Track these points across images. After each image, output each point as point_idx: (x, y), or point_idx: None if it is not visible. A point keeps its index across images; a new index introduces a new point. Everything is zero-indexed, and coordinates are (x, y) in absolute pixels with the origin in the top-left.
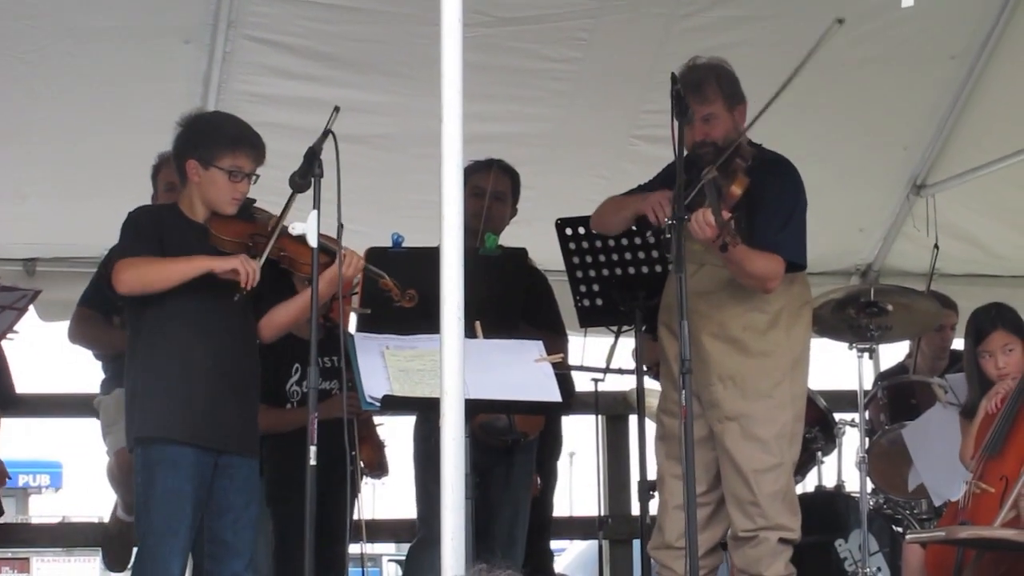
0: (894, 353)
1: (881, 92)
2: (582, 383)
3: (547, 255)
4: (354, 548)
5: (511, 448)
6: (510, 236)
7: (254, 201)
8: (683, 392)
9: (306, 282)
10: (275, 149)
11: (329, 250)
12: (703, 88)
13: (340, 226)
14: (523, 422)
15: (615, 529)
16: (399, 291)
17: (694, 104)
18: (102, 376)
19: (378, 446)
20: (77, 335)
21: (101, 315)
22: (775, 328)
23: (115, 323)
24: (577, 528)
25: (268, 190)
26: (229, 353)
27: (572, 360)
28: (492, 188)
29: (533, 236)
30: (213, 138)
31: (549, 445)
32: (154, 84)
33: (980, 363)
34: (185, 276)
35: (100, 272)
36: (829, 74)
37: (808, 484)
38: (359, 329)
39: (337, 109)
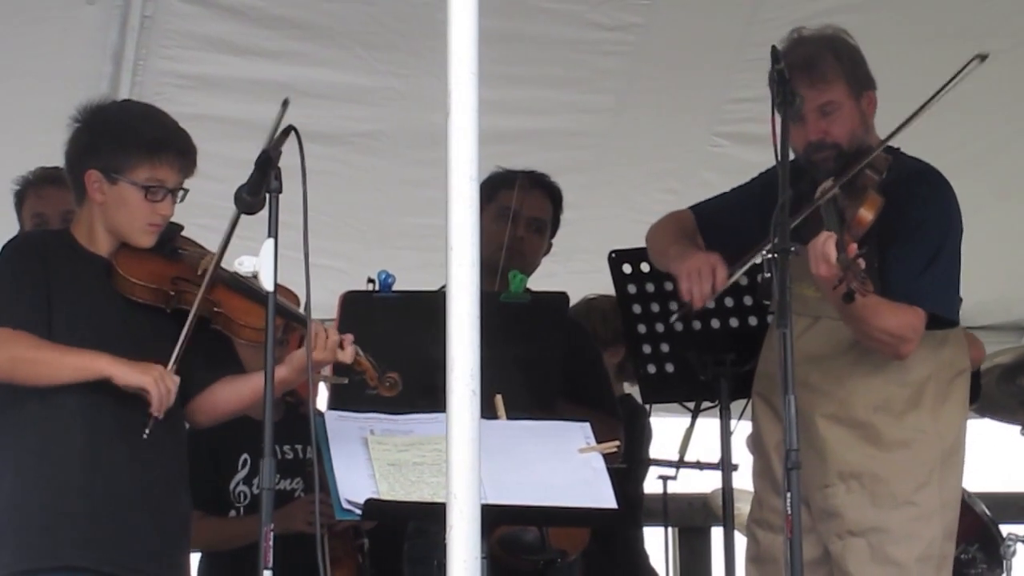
0: None
1: None
2: (648, 483)
3: None
4: None
5: (543, 573)
6: (539, 276)
7: (181, 228)
8: (788, 496)
9: (251, 348)
10: (215, 152)
11: (289, 314)
12: (818, 67)
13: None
14: (559, 537)
15: None
16: (376, 373)
17: (805, 90)
18: None
19: (358, 571)
20: None
21: None
22: (918, 408)
23: None
24: None
25: (205, 211)
26: (141, 451)
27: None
28: (526, 211)
29: (571, 276)
30: (124, 140)
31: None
32: (45, 64)
33: None
34: (71, 379)
35: None
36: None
37: None
38: (332, 406)
39: (286, 103)
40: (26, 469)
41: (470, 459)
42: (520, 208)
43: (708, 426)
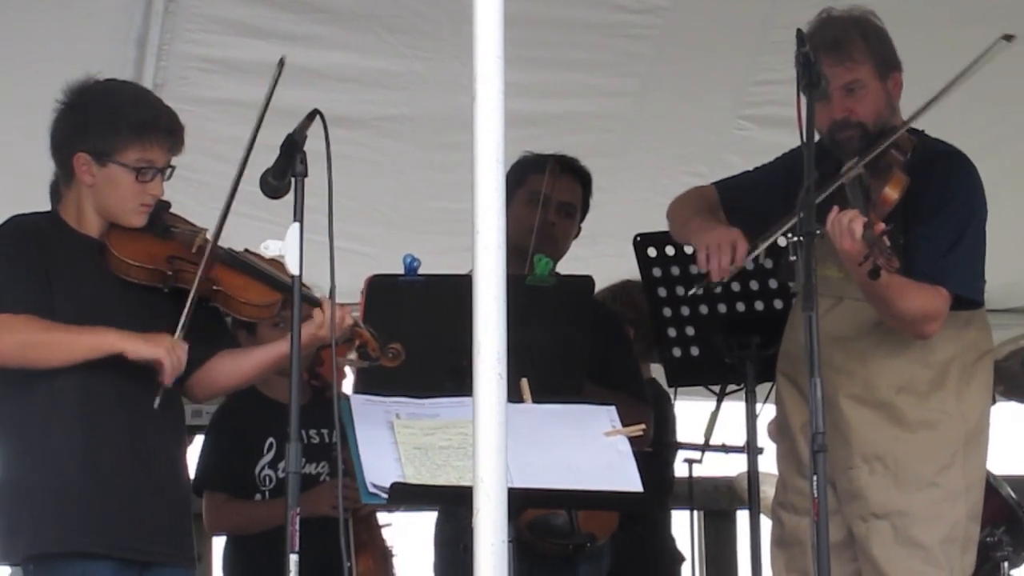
0: None
1: None
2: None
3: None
4: None
5: (573, 557)
6: (565, 260)
7: (169, 206)
8: (814, 478)
9: (267, 328)
10: (239, 136)
11: (307, 299)
12: (844, 47)
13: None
14: (589, 520)
15: None
16: (377, 344)
17: (831, 69)
18: None
19: (383, 555)
20: None
21: None
22: (942, 389)
23: None
24: None
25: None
26: (146, 432)
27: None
28: (557, 196)
29: (596, 260)
30: (113, 122)
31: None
32: (69, 49)
33: None
34: (83, 358)
35: None
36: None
37: None
38: (358, 389)
39: (282, 62)
40: (34, 454)
41: (497, 442)
42: (551, 193)
43: (733, 409)
